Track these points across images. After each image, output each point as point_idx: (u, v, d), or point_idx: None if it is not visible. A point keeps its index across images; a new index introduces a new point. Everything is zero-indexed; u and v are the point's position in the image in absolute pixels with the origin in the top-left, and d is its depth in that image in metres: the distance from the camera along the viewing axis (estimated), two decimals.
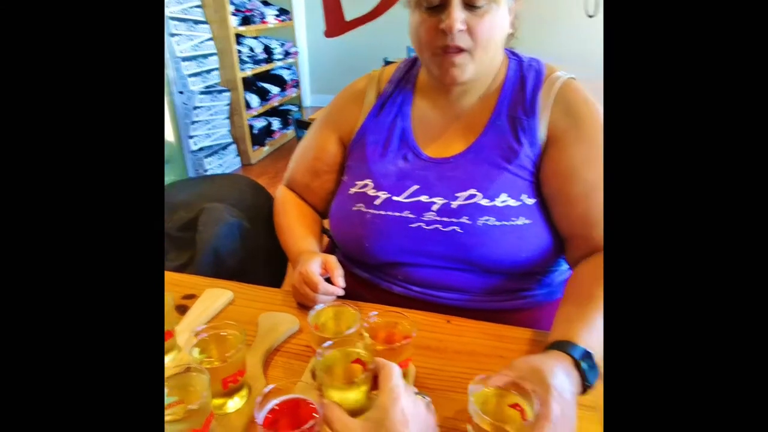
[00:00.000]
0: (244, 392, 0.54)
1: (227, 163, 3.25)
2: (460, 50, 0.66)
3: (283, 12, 3.76)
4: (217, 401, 0.52)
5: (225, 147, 3.22)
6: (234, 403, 0.53)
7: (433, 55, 0.68)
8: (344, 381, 0.48)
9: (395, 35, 4.33)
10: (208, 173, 3.10)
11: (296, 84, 4.04)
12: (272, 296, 0.75)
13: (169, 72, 2.72)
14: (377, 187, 0.74)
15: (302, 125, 1.42)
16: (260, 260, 0.91)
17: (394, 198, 0.72)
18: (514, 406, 0.47)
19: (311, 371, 0.58)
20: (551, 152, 0.70)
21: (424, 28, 0.67)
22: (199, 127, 2.99)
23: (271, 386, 0.45)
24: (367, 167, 0.76)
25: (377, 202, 0.73)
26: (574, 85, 0.73)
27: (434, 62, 0.69)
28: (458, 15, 0.63)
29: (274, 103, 3.66)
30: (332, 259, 0.70)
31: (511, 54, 0.78)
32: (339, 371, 0.51)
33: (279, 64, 3.71)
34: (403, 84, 0.81)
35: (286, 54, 3.79)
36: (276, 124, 3.71)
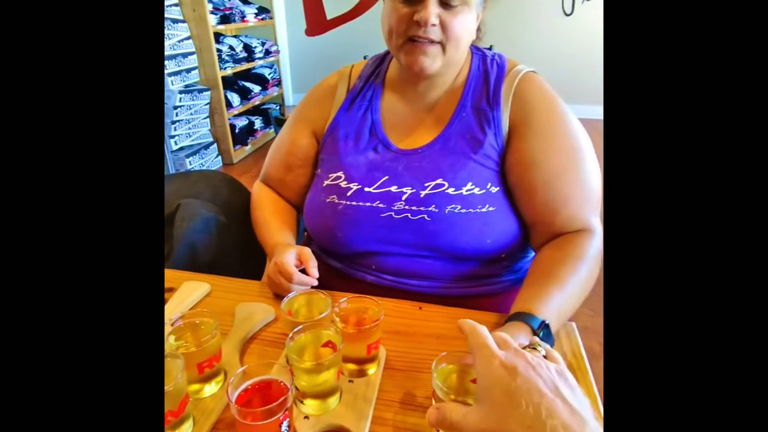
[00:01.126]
0: (219, 378, 0.56)
1: (209, 162, 3.24)
2: (432, 42, 0.69)
3: (263, 11, 3.76)
4: (194, 386, 0.54)
5: (207, 146, 3.21)
6: (210, 388, 0.55)
7: (403, 43, 0.71)
8: (314, 363, 0.50)
9: (376, 34, 4.34)
10: None
11: (278, 83, 4.03)
12: (248, 288, 0.77)
13: None
14: (349, 179, 0.77)
15: (281, 123, 1.43)
16: (236, 254, 0.93)
17: (365, 189, 0.75)
18: (475, 381, 0.50)
19: (286, 356, 0.60)
20: (513, 143, 0.74)
21: (397, 16, 0.69)
22: (179, 126, 2.97)
23: (244, 367, 0.47)
24: (339, 160, 0.79)
25: (349, 193, 0.76)
26: (533, 77, 0.77)
27: (404, 50, 0.71)
28: (433, 9, 0.67)
29: (256, 101, 3.65)
30: (307, 251, 0.72)
31: (475, 49, 0.82)
32: (310, 354, 0.53)
33: (260, 62, 3.70)
34: (372, 79, 0.84)
35: (267, 53, 3.78)
36: (258, 123, 3.70)
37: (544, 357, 0.42)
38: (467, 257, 0.75)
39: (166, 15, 2.78)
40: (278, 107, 4.10)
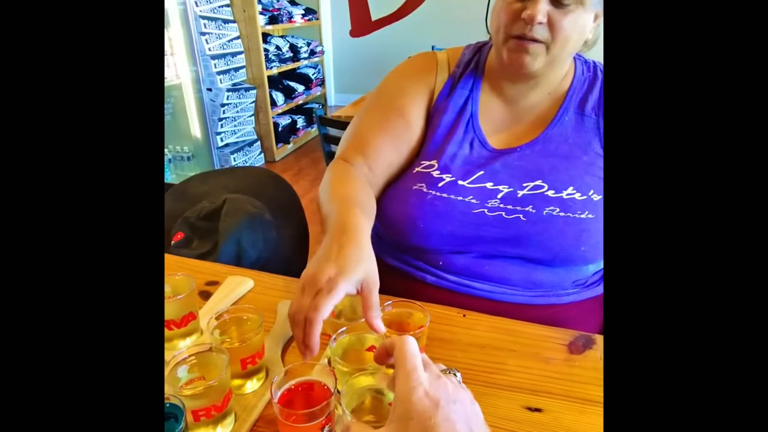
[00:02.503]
0: (261, 374, 0.56)
1: (252, 159, 3.32)
2: (536, 41, 0.66)
3: (310, 11, 3.82)
4: (237, 381, 0.54)
5: (251, 144, 3.29)
6: (252, 384, 0.55)
7: (507, 38, 0.68)
8: (357, 367, 0.49)
9: (420, 34, 4.35)
10: None
11: (321, 82, 4.09)
12: (291, 285, 0.77)
13: (199, 70, 2.80)
14: (442, 170, 0.73)
15: (325, 122, 1.44)
16: (279, 252, 0.93)
17: (459, 182, 0.72)
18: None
19: (327, 358, 0.59)
20: None
21: (506, 12, 0.67)
22: (225, 123, 3.06)
23: (288, 366, 0.47)
24: (436, 147, 0.75)
25: (440, 184, 0.73)
26: None
27: (507, 46, 0.68)
28: (543, 7, 0.63)
29: (299, 101, 3.71)
30: (374, 285, 0.52)
31: (577, 56, 0.79)
32: (352, 358, 0.52)
33: (305, 62, 3.76)
34: (472, 68, 0.79)
35: (312, 53, 3.84)
36: (300, 122, 3.76)
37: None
38: (553, 262, 0.71)
39: (218, 15, 2.87)
40: (320, 107, 4.16)
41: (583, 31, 0.68)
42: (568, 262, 0.72)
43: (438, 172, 0.74)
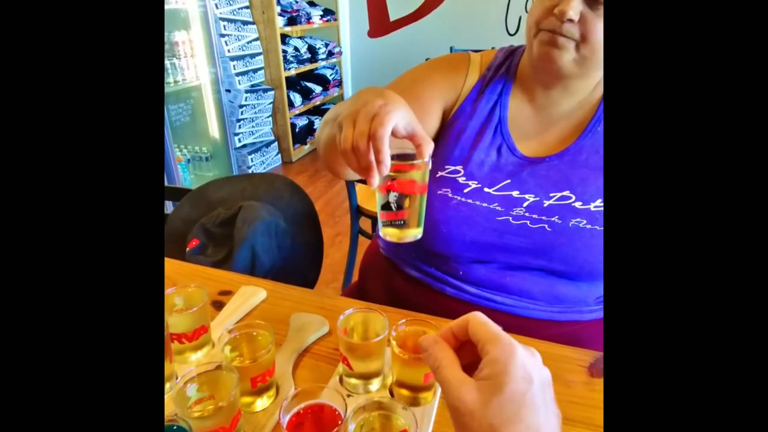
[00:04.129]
0: (272, 392, 0.55)
1: (269, 160, 3.34)
2: (565, 37, 0.63)
3: (328, 12, 3.82)
4: (246, 399, 0.53)
5: (268, 144, 3.30)
6: (262, 402, 0.54)
7: (537, 32, 0.66)
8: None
9: (438, 35, 4.31)
10: (250, 170, 3.19)
11: (338, 83, 4.09)
12: (305, 297, 0.76)
13: (218, 71, 2.82)
14: (468, 176, 0.72)
15: None
16: (294, 260, 0.93)
17: (485, 189, 0.71)
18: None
19: (339, 376, 0.58)
20: None
21: (540, 7, 0.65)
22: (243, 124, 3.08)
23: (297, 389, 0.45)
24: (461, 153, 0.73)
25: (466, 190, 0.71)
26: None
27: (537, 39, 0.66)
28: (575, 5, 0.61)
29: (317, 102, 3.72)
30: (418, 123, 0.51)
31: None
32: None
33: (322, 63, 3.77)
34: (504, 72, 0.77)
35: (330, 54, 3.84)
36: (318, 122, 3.77)
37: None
38: (578, 275, 0.69)
39: (237, 17, 2.89)
40: None
41: None
42: (592, 276, 0.69)
43: (464, 178, 0.72)
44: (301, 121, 3.58)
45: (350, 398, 0.55)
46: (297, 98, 3.44)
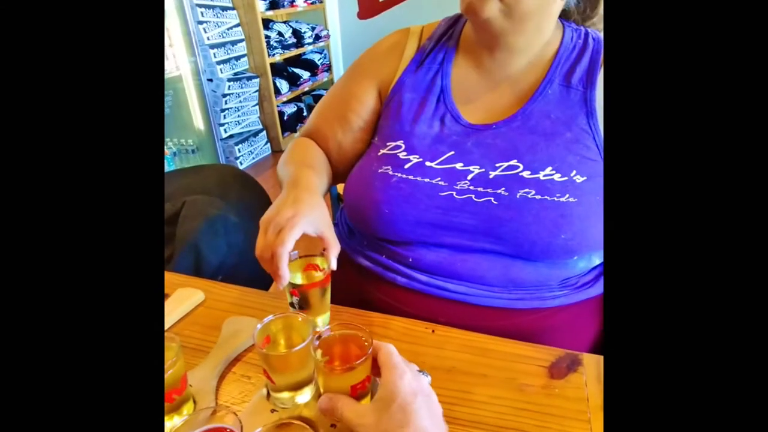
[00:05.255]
0: (186, 408, 0.49)
1: (258, 150, 3.27)
2: None
3: None
4: None
5: (256, 134, 3.23)
6: (172, 424, 0.48)
7: None
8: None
9: (429, 16, 4.18)
10: (238, 161, 3.12)
11: (328, 68, 3.98)
12: (246, 297, 0.70)
13: (198, 60, 2.74)
14: (409, 150, 0.68)
15: None
16: (246, 255, 0.86)
17: (427, 163, 0.66)
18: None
19: (266, 389, 0.52)
20: None
21: None
22: (228, 114, 3.01)
23: (193, 414, 0.40)
24: (401, 127, 0.69)
25: (407, 165, 0.67)
26: None
27: None
28: None
29: (305, 88, 3.62)
30: (329, 227, 0.59)
31: (567, 23, 0.70)
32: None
33: (310, 48, 3.66)
34: (445, 40, 0.73)
35: (317, 38, 3.73)
36: (307, 109, 3.68)
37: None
38: (532, 254, 0.63)
39: (216, 3, 2.80)
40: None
41: None
42: (549, 254, 0.63)
43: (405, 153, 0.67)
44: (290, 109, 3.50)
45: (274, 414, 0.50)
46: (284, 85, 3.35)
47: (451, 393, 0.52)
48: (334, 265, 0.56)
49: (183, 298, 0.68)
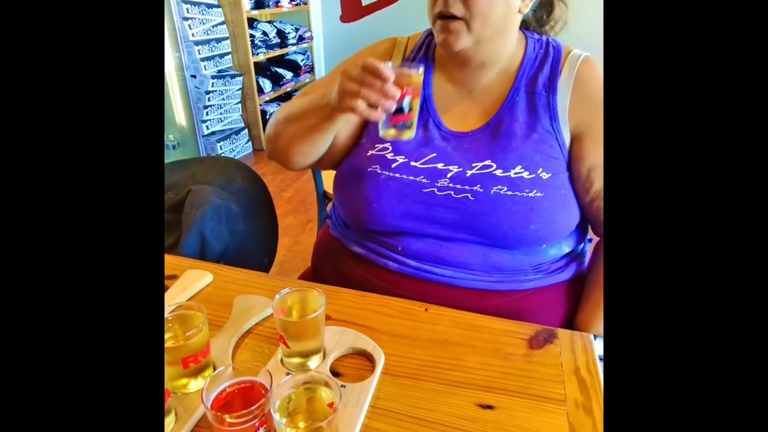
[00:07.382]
0: (208, 372, 0.54)
1: (239, 147, 3.28)
2: (455, 17, 0.66)
3: None
4: (180, 381, 0.52)
5: (238, 132, 3.24)
6: (196, 384, 0.53)
7: (434, 19, 0.69)
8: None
9: (412, 20, 4.27)
10: None
11: (310, 69, 4.02)
12: (253, 279, 0.75)
13: (182, 56, 2.74)
14: (396, 152, 0.75)
15: None
16: (247, 244, 0.91)
17: (411, 163, 0.73)
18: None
19: (280, 356, 0.58)
20: (575, 149, 0.72)
21: None
22: (211, 111, 3.01)
23: (221, 369, 0.45)
24: None
25: (394, 165, 0.74)
26: (592, 63, 0.73)
27: (435, 28, 0.70)
28: None
29: (288, 88, 3.65)
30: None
31: (529, 33, 0.78)
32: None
33: (293, 48, 3.69)
34: (424, 53, 0.81)
35: (301, 39, 3.77)
36: None
37: None
38: (506, 243, 0.71)
39: (201, 0, 2.80)
40: None
41: (506, 3, 0.67)
42: (521, 243, 0.72)
43: (392, 154, 0.75)
44: (272, 108, 3.51)
45: (289, 377, 0.55)
46: (267, 84, 3.37)
47: (445, 361, 0.59)
48: (422, 70, 0.63)
49: (192, 279, 0.73)
